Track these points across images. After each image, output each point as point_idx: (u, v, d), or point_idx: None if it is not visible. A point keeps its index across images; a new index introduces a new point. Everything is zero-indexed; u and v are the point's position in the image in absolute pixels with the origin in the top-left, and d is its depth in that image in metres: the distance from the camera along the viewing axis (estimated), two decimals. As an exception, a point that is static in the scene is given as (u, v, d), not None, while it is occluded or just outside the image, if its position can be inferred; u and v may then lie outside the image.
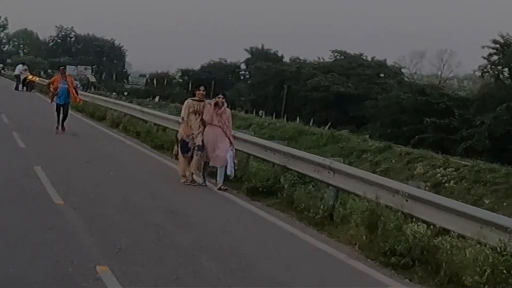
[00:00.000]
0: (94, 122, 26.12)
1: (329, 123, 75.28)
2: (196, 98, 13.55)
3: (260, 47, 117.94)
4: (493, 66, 65.51)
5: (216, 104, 13.21)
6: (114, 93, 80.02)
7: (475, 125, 59.82)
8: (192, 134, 13.20)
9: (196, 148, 13.16)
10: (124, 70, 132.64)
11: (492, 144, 57.51)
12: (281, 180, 12.79)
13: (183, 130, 13.45)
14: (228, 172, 13.09)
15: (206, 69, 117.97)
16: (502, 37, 64.31)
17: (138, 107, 24.53)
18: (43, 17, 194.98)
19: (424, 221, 9.23)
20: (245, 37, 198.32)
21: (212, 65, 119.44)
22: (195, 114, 13.25)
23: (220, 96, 13.56)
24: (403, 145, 61.05)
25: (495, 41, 64.83)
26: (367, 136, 66.81)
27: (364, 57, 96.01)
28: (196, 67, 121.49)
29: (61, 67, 22.41)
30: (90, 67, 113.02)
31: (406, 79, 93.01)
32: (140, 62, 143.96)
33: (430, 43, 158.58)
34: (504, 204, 41.78)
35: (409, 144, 62.68)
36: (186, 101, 13.71)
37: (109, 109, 26.93)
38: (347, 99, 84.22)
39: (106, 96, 45.50)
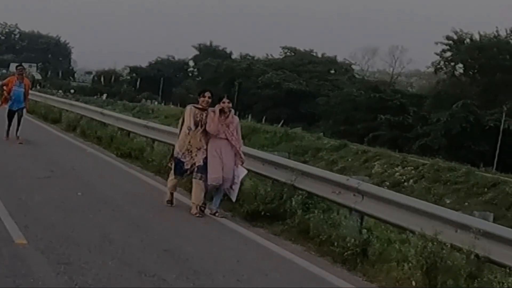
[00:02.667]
0: (47, 125, 23.04)
1: (282, 121, 73.39)
2: (199, 106, 10.56)
3: (208, 43, 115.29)
4: (446, 63, 64.40)
5: (221, 111, 10.43)
6: (60, 91, 76.62)
7: (431, 122, 58.49)
8: (189, 151, 10.43)
9: (195, 169, 10.38)
10: (70, 68, 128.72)
11: (448, 142, 56.28)
12: (292, 202, 10.26)
13: (180, 146, 10.54)
14: (232, 197, 10.43)
15: (154, 66, 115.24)
16: (456, 33, 63.37)
17: (98, 109, 21.68)
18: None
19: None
20: (192, 33, 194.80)
21: (160, 62, 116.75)
22: (197, 126, 10.44)
23: (226, 100, 10.46)
24: (357, 143, 59.49)
25: (448, 37, 63.82)
26: (321, 134, 65.19)
27: (314, 54, 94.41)
28: (144, 64, 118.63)
29: (18, 67, 18.56)
30: (35, 65, 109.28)
31: (356, 75, 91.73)
32: (86, 59, 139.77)
33: (382, 40, 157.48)
34: (466, 204, 40.42)
35: (363, 142, 61.21)
36: (189, 108, 10.65)
37: (64, 111, 24.01)
38: (298, 96, 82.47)
39: (52, 94, 42.44)
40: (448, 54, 65.05)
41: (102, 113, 20.40)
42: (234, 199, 10.41)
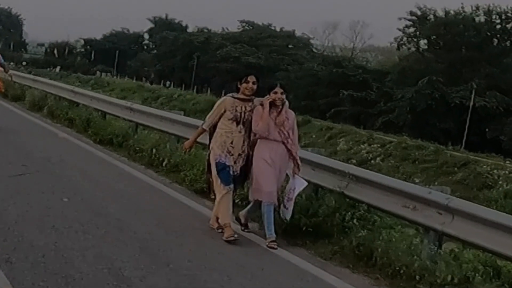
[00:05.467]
0: (8, 103, 19.95)
1: (242, 95, 70.95)
2: (240, 95, 7.75)
3: (163, 16, 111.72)
4: (409, 38, 62.55)
5: (272, 104, 7.65)
6: (11, 63, 72.56)
7: (395, 98, 56.67)
8: (231, 155, 7.60)
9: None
10: (22, 40, 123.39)
11: (413, 119, 54.65)
12: (343, 215, 7.83)
13: (220, 146, 7.60)
14: (286, 216, 7.64)
15: (108, 39, 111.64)
16: (419, 8, 61.50)
17: (69, 87, 18.65)
18: None
19: None
20: (147, 6, 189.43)
21: (115, 35, 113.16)
22: (237, 122, 7.63)
23: (278, 89, 7.67)
24: (319, 118, 57.52)
25: (411, 13, 61.95)
26: (282, 108, 63.01)
27: (273, 28, 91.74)
28: (97, 36, 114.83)
29: None
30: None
31: (314, 50, 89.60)
32: (37, 31, 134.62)
33: (343, 14, 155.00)
34: (436, 183, 38.73)
35: (325, 118, 59.22)
36: (223, 99, 7.84)
37: (27, 87, 20.99)
38: (257, 70, 79.51)
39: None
40: (412, 30, 63.22)
41: (74, 91, 17.50)
42: (288, 218, 7.69)
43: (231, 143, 7.56)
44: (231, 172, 7.52)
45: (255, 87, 7.66)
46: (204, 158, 10.23)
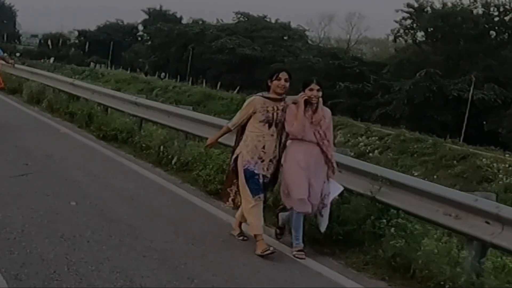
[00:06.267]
0: (5, 96, 19.08)
1: (238, 87, 70.19)
2: (271, 94, 6.90)
3: (158, 8, 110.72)
4: (406, 31, 61.94)
5: (307, 102, 6.92)
6: (5, 54, 71.48)
7: (393, 91, 56.06)
8: (262, 161, 6.81)
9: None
10: (16, 31, 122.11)
11: (410, 111, 54.06)
12: (374, 221, 7.17)
13: (251, 151, 6.78)
14: (323, 224, 6.91)
15: (103, 30, 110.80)
16: (416, 0, 60.81)
17: (68, 79, 17.92)
18: None
19: None
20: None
21: (109, 26, 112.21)
22: (269, 124, 6.82)
23: (315, 86, 6.81)
24: (315, 110, 56.93)
25: (409, 5, 61.35)
26: (279, 101, 62.41)
27: (268, 19, 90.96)
28: (91, 28, 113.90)
29: None
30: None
31: (310, 42, 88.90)
32: (30, 22, 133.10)
33: (339, 6, 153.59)
34: (435, 176, 38.19)
35: (321, 110, 58.57)
36: (252, 98, 6.96)
37: (24, 80, 20.22)
38: (253, 62, 79.45)
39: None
40: (408, 22, 62.60)
41: (73, 84, 16.75)
42: (323, 229, 6.97)
43: (263, 147, 6.78)
44: (260, 180, 6.77)
45: (287, 84, 6.82)
46: (217, 158, 9.67)
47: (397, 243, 6.66)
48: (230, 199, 7.10)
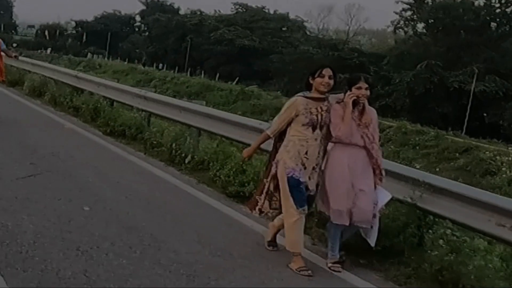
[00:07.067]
0: (5, 88, 18.26)
1: (237, 78, 69.51)
2: (313, 94, 6.14)
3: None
4: (406, 22, 61.26)
5: (355, 102, 6.11)
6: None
7: (393, 82, 55.44)
8: (304, 168, 6.02)
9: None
10: (12, 21, 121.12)
11: (411, 103, 53.47)
12: (419, 231, 6.55)
13: (294, 157, 5.99)
14: (372, 237, 6.15)
15: (100, 21, 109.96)
16: (417, -9, 60.10)
17: (72, 72, 17.22)
18: None
19: None
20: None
21: (106, 17, 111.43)
22: (313, 128, 6.05)
23: (362, 84, 6.08)
24: (315, 102, 56.33)
25: (410, -4, 60.60)
26: (278, 92, 61.64)
27: (267, 10, 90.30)
28: (88, 18, 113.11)
29: None
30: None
31: (308, 33, 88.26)
32: (27, 12, 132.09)
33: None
34: (437, 169, 37.62)
35: (320, 101, 58.00)
36: (294, 100, 6.13)
37: (25, 72, 19.51)
38: (251, 53, 78.83)
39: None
40: (409, 13, 61.90)
41: (77, 76, 16.05)
42: (373, 242, 6.24)
43: (306, 153, 6.01)
44: (304, 190, 6.06)
45: (332, 82, 6.09)
46: (236, 157, 9.03)
47: (445, 256, 6.03)
48: (257, 208, 6.42)
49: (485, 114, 51.42)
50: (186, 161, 10.11)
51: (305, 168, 6.01)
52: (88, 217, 6.87)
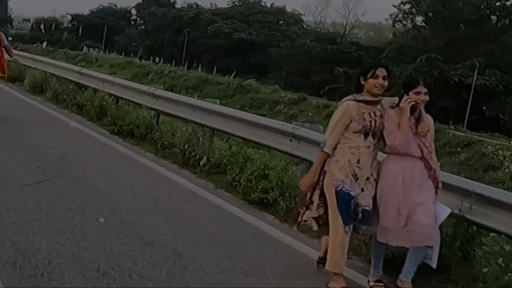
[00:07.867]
0: (5, 84, 17.47)
1: (234, 72, 68.85)
2: (365, 96, 5.41)
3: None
4: (405, 15, 60.64)
5: (413, 108, 5.44)
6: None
7: (393, 76, 54.70)
8: (356, 179, 5.30)
9: (360, 214, 5.36)
10: (8, 15, 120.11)
11: (411, 97, 52.82)
12: (469, 245, 5.95)
13: (344, 167, 5.28)
14: (432, 259, 5.44)
15: (96, 14, 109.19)
16: (416, -15, 59.43)
17: (75, 68, 16.56)
18: None
19: None
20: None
21: (102, 10, 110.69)
22: (365, 134, 5.34)
23: (421, 88, 5.45)
24: (313, 96, 55.58)
25: (408, -11, 59.96)
26: (277, 86, 61.01)
27: (263, 4, 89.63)
28: (83, 12, 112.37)
29: None
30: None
31: (305, 26, 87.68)
32: (22, 6, 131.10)
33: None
34: (439, 164, 37.20)
35: (319, 95, 57.32)
36: (346, 104, 5.37)
37: (25, 67, 18.82)
38: (248, 46, 78.23)
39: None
40: (407, 6, 61.27)
41: (81, 72, 15.39)
42: (434, 264, 5.53)
43: (358, 162, 5.29)
44: (353, 206, 5.34)
45: (386, 83, 5.40)
46: (259, 160, 8.42)
47: (501, 274, 5.42)
48: (298, 219, 5.79)
49: (485, 108, 50.87)
50: (201, 163, 9.49)
51: (356, 179, 5.30)
52: (104, 230, 6.24)
